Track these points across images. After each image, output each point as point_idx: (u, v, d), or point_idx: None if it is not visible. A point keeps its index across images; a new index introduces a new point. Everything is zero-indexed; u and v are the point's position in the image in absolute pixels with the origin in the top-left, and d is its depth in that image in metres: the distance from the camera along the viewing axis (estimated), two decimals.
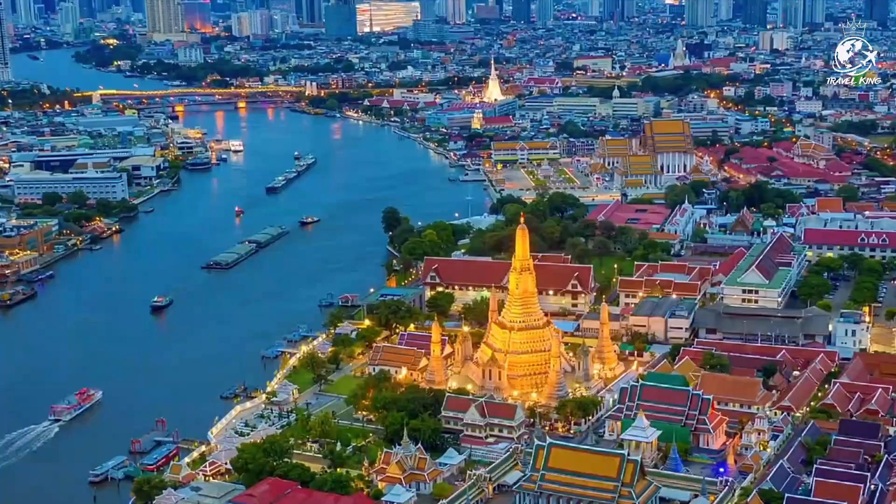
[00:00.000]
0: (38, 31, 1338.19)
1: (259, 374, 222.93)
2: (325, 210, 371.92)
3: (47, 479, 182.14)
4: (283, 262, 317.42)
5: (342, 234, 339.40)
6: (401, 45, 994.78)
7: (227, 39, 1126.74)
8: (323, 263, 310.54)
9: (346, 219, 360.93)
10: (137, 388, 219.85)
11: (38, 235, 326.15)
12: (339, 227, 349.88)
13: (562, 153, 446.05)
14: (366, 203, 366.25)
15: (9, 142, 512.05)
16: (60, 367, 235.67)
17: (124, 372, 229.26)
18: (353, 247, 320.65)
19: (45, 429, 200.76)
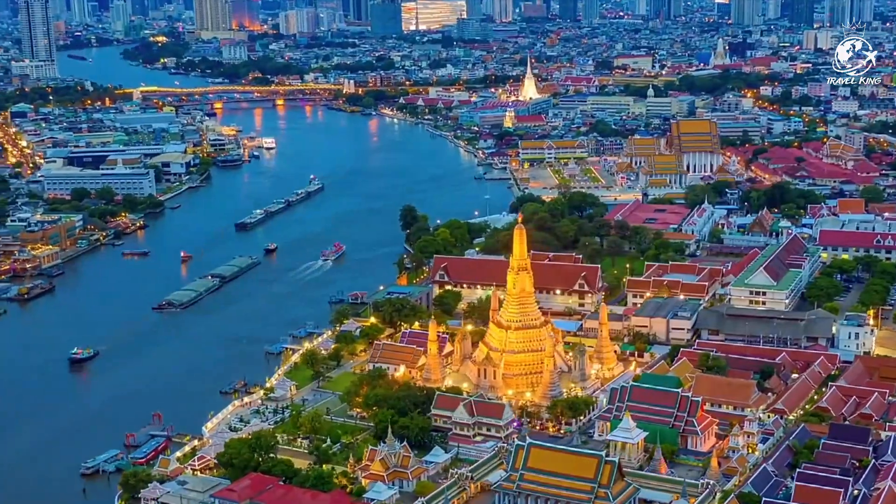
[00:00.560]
0: (90, 28, 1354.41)
1: (262, 370, 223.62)
2: (345, 206, 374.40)
3: (41, 471, 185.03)
4: (252, 298, 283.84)
5: (360, 230, 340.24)
6: (444, 43, 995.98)
7: (274, 37, 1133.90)
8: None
9: (364, 214, 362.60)
10: (140, 382, 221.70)
11: (61, 230, 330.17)
12: (356, 223, 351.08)
13: (590, 152, 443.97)
14: (387, 199, 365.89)
15: (45, 137, 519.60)
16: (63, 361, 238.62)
17: (127, 366, 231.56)
18: (370, 245, 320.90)
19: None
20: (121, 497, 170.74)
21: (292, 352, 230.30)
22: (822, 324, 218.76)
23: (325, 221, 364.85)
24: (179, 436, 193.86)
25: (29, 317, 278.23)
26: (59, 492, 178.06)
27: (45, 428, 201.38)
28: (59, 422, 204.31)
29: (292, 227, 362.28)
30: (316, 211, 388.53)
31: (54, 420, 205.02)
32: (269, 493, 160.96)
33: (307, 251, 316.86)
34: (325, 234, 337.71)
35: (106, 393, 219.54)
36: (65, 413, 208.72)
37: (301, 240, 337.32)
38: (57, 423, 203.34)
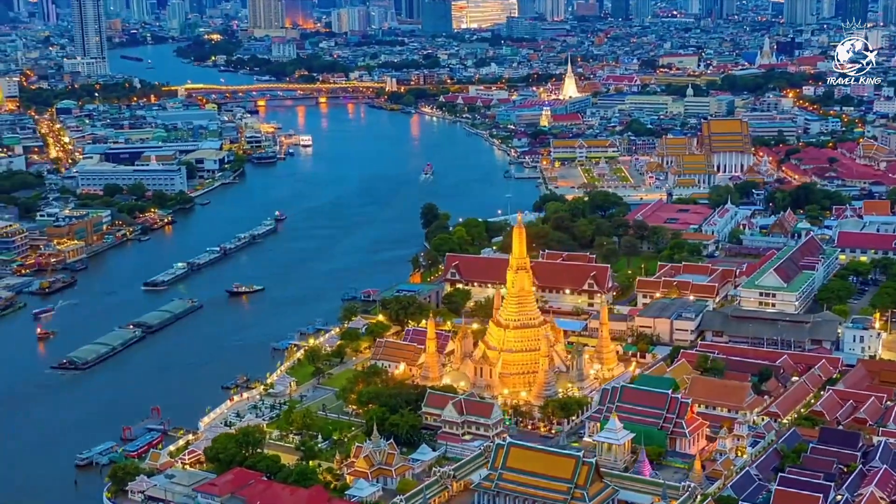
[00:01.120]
0: (147, 26, 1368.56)
1: (268, 365, 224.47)
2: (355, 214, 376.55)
3: (37, 461, 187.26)
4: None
5: (382, 228, 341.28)
6: (492, 41, 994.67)
7: (326, 35, 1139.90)
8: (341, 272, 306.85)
9: (386, 211, 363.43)
10: (145, 375, 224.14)
11: (88, 225, 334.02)
12: (378, 221, 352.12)
13: (622, 151, 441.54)
14: (411, 196, 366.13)
15: (87, 134, 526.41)
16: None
17: (133, 359, 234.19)
18: (391, 243, 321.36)
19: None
20: (109, 489, 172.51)
21: (297, 348, 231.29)
22: (827, 327, 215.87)
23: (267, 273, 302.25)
24: (175, 430, 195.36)
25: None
26: (53, 482, 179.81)
27: (46, 420, 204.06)
28: (61, 414, 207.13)
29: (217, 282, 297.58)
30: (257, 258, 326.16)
31: (55, 412, 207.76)
32: (250, 489, 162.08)
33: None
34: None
35: (109, 386, 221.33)
36: (66, 406, 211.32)
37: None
38: (58, 416, 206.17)
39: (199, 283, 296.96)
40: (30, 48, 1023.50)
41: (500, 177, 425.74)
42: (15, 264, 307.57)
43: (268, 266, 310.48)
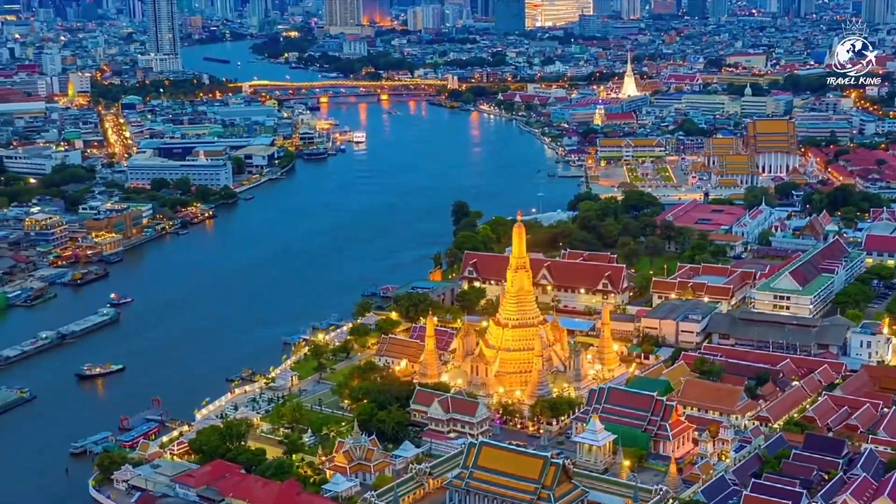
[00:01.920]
0: (228, 23, 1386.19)
1: (276, 359, 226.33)
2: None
3: (33, 447, 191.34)
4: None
5: (415, 224, 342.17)
6: (564, 40, 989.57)
7: (400, 33, 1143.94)
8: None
9: (420, 209, 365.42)
10: (152, 367, 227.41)
11: (127, 219, 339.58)
12: (411, 217, 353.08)
13: (670, 151, 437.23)
14: (448, 194, 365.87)
15: (145, 129, 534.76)
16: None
17: (144, 350, 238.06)
18: (421, 240, 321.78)
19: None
20: (95, 478, 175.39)
21: (306, 343, 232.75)
22: (835, 331, 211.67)
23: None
24: (173, 421, 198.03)
25: (73, 302, 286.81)
26: (46, 469, 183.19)
27: (48, 410, 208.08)
28: (62, 403, 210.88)
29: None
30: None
31: (57, 403, 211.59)
32: (225, 481, 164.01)
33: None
34: None
35: (113, 376, 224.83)
36: (68, 397, 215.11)
37: None
38: (59, 405, 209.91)
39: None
40: (110, 44, 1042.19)
41: (544, 175, 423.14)
42: (52, 256, 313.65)
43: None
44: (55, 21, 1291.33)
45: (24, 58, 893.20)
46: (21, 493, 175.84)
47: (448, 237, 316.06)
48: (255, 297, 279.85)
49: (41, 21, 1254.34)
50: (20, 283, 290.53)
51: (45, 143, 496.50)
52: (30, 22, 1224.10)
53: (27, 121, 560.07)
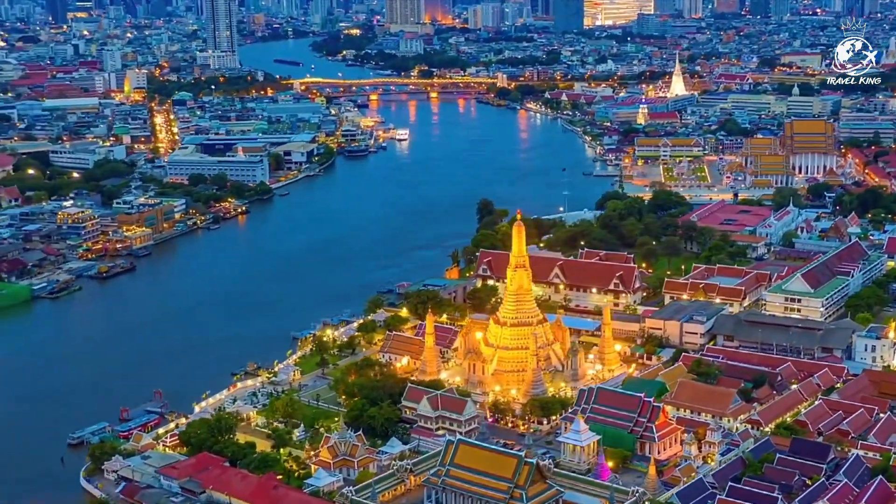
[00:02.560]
0: (292, 20, 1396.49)
1: (284, 354, 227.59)
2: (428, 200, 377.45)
3: (33, 436, 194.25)
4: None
5: (443, 221, 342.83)
6: (621, 38, 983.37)
7: (459, 31, 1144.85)
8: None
9: (448, 206, 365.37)
10: (160, 359, 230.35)
11: (158, 213, 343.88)
12: (440, 214, 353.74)
13: (709, 150, 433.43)
14: (479, 192, 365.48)
15: (191, 125, 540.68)
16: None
17: (157, 342, 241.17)
18: (446, 238, 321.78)
19: None
20: (87, 468, 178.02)
21: (314, 338, 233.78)
22: (840, 334, 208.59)
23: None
24: (172, 413, 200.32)
25: (97, 295, 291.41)
26: (43, 458, 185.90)
27: (50, 399, 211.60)
28: (64, 394, 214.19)
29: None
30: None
31: (60, 392, 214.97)
32: (207, 473, 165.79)
33: None
34: None
35: (119, 367, 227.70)
36: (71, 386, 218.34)
37: None
38: (61, 396, 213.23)
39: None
40: (174, 41, 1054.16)
41: (578, 173, 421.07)
42: (81, 249, 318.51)
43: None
44: (124, 18, 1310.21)
45: (87, 54, 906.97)
46: (15, 480, 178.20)
47: (472, 235, 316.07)
48: (273, 292, 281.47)
49: (111, 18, 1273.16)
50: (48, 275, 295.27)
51: (94, 138, 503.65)
52: (98, 19, 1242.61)
53: (79, 116, 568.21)
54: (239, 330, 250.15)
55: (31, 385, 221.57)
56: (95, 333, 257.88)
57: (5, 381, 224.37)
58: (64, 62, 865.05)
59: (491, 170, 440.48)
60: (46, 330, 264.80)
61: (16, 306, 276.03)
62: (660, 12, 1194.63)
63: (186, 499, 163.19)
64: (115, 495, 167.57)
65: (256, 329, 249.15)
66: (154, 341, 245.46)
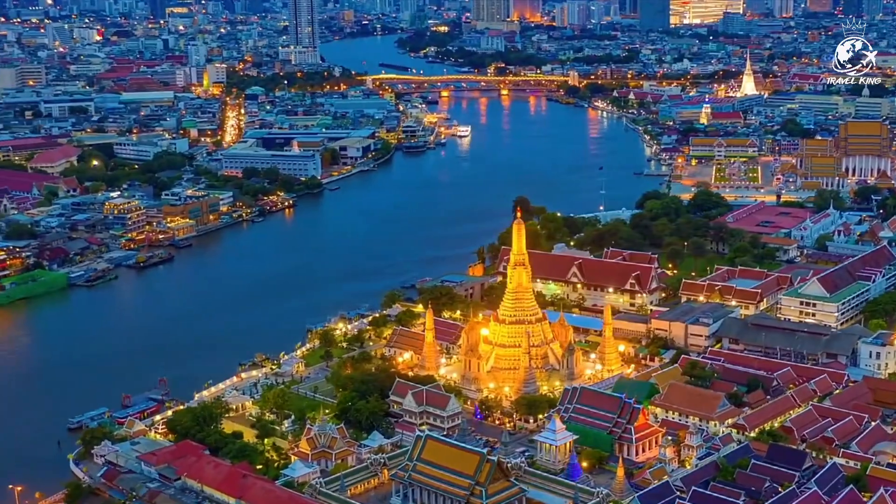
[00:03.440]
0: (384, 17, 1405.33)
1: (292, 346, 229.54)
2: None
3: (36, 419, 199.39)
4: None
5: (479, 218, 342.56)
6: (705, 37, 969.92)
7: (545, 29, 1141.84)
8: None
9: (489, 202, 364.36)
10: (176, 348, 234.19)
11: (203, 205, 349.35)
12: (478, 211, 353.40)
13: (765, 151, 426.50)
14: (526, 189, 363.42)
15: (257, 119, 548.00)
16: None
17: (177, 331, 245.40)
18: (479, 235, 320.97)
19: None
20: (78, 452, 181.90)
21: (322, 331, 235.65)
22: (845, 340, 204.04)
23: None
24: (172, 401, 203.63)
25: (132, 284, 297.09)
26: (41, 441, 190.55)
27: (60, 384, 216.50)
28: (74, 379, 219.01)
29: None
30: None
31: (70, 377, 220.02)
32: (183, 461, 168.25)
33: None
34: None
35: (134, 354, 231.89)
36: (83, 372, 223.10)
37: None
38: (71, 381, 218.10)
39: None
40: (263, 37, 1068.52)
41: (629, 173, 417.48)
42: (124, 239, 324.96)
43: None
44: (221, 14, 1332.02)
45: (176, 49, 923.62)
46: (13, 459, 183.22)
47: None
48: (300, 285, 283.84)
49: (209, 14, 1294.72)
50: (87, 263, 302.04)
51: (163, 131, 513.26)
52: (194, 14, 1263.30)
53: (152, 109, 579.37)
54: (260, 321, 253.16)
55: (43, 370, 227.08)
56: (120, 321, 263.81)
57: (20, 366, 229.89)
58: (153, 56, 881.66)
59: (542, 167, 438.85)
60: (75, 317, 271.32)
61: (52, 293, 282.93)
62: (750, 11, 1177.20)
63: (162, 484, 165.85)
64: (97, 479, 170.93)
65: (277, 321, 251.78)
66: (175, 330, 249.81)
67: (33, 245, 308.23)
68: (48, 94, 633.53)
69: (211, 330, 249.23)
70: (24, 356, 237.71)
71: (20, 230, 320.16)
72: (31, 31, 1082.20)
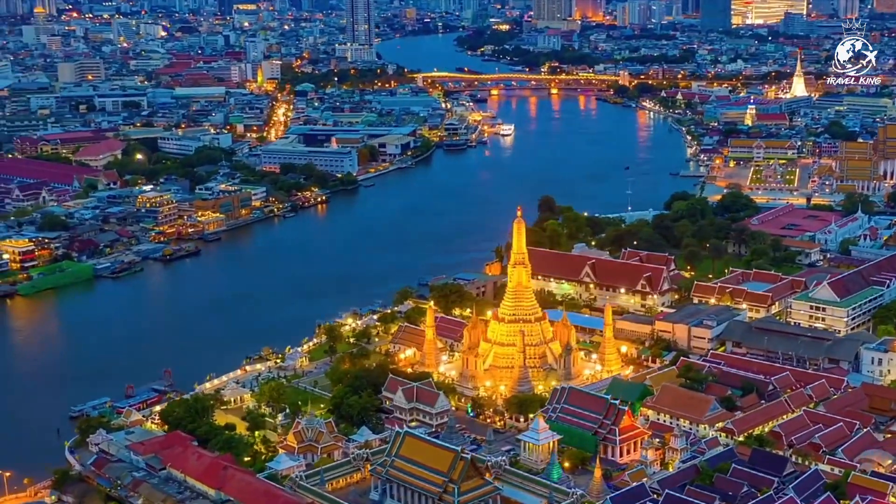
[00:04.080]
0: (446, 15, 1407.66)
1: (299, 340, 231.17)
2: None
3: (40, 407, 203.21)
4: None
5: (506, 217, 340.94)
6: (764, 38, 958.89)
7: (606, 28, 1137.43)
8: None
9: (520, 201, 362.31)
10: (187, 341, 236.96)
11: (234, 200, 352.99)
12: (507, 210, 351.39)
13: (805, 153, 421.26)
14: (555, 189, 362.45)
15: (302, 115, 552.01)
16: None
17: (193, 324, 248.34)
18: (503, 234, 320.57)
19: None
20: (75, 440, 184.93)
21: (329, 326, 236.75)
22: (848, 346, 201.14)
23: None
24: (174, 392, 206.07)
25: (157, 276, 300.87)
26: (43, 429, 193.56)
27: (68, 373, 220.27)
28: (83, 369, 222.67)
29: None
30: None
31: (79, 367, 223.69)
32: (169, 451, 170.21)
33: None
34: None
35: (145, 346, 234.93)
36: (92, 362, 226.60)
37: None
38: (80, 370, 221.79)
39: None
40: (324, 34, 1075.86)
41: (665, 173, 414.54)
42: (154, 232, 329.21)
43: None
44: (288, 11, 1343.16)
45: (237, 45, 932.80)
46: (13, 446, 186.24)
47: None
48: (318, 279, 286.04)
49: (275, 11, 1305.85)
50: (115, 255, 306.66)
51: (210, 126, 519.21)
52: (259, 11, 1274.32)
53: (202, 105, 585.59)
54: (275, 315, 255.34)
55: (55, 358, 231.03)
56: (138, 312, 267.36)
57: (32, 354, 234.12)
58: (213, 52, 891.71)
59: (579, 166, 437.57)
60: (95, 307, 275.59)
61: (77, 284, 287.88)
62: (815, 11, 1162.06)
63: (147, 474, 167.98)
64: (87, 467, 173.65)
65: (291, 315, 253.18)
66: (190, 323, 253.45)
67: (64, 236, 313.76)
68: (105, 88, 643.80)
69: (225, 323, 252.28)
70: (38, 345, 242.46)
71: (53, 222, 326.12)
72: (99, 26, 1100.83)
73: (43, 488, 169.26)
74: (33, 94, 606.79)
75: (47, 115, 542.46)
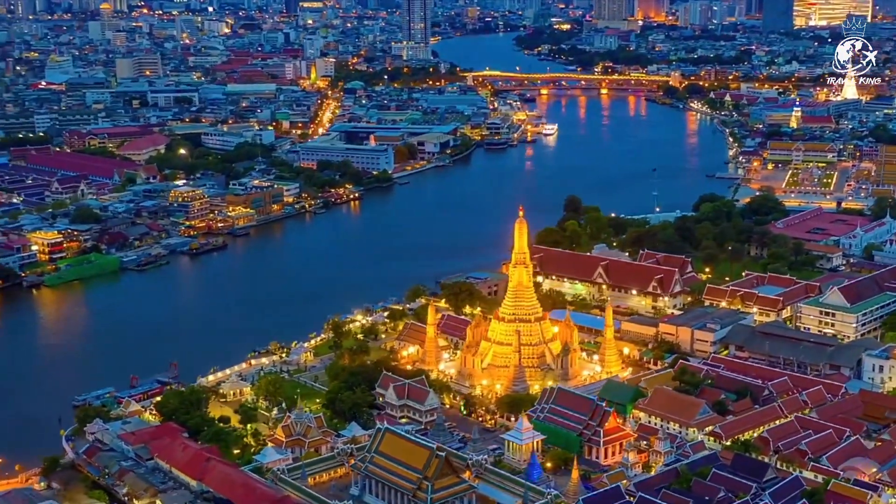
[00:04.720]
0: (508, 14, 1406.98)
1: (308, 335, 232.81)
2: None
3: (45, 396, 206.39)
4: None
5: (532, 218, 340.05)
6: (824, 40, 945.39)
7: (666, 28, 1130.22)
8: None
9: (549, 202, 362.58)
10: (199, 334, 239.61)
11: (266, 196, 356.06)
12: (534, 210, 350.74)
13: (846, 156, 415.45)
14: (585, 189, 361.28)
15: (347, 113, 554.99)
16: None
17: (209, 317, 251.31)
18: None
19: None
20: (73, 429, 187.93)
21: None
22: (850, 352, 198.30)
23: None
24: (178, 384, 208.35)
25: (181, 269, 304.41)
26: (45, 417, 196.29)
27: (77, 364, 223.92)
28: (93, 360, 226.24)
29: None
30: None
31: (91, 358, 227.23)
32: (157, 442, 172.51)
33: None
34: None
35: (157, 338, 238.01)
36: (104, 353, 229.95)
37: None
38: (90, 362, 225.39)
39: None
40: (384, 32, 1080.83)
41: (701, 175, 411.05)
42: (184, 226, 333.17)
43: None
44: (353, 9, 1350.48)
45: (296, 43, 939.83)
46: (16, 433, 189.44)
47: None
48: (338, 276, 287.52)
49: (341, 8, 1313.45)
50: (144, 248, 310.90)
51: (255, 122, 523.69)
52: (323, 9, 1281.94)
53: (251, 101, 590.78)
54: (290, 310, 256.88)
55: (67, 348, 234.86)
56: (158, 305, 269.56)
57: (45, 344, 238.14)
58: (272, 49, 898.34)
59: (617, 167, 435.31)
60: (118, 298, 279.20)
61: (103, 276, 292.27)
62: (882, 13, 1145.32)
63: (135, 463, 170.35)
64: (80, 455, 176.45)
65: (305, 310, 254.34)
66: (205, 317, 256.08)
67: (95, 229, 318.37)
68: (160, 84, 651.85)
69: (239, 318, 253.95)
70: (55, 335, 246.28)
71: (86, 214, 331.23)
72: (164, 23, 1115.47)
73: (33, 475, 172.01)
74: (89, 89, 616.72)
75: (100, 110, 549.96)
